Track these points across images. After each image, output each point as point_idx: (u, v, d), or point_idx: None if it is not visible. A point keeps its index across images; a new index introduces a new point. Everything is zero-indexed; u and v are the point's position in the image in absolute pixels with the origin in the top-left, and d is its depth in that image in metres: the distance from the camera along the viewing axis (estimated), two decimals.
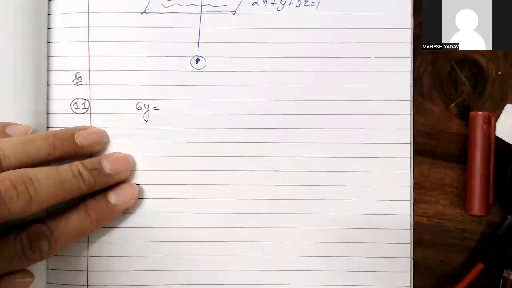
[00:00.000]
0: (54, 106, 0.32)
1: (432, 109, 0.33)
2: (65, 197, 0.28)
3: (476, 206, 0.32)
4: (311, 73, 0.32)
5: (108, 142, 0.31)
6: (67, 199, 0.28)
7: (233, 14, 0.32)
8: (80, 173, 0.28)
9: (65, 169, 0.28)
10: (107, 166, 0.30)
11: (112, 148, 0.31)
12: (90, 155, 0.31)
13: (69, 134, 0.30)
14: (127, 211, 0.31)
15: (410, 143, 0.32)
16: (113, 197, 0.30)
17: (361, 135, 0.32)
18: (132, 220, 0.31)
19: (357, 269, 0.32)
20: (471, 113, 0.32)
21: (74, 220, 0.28)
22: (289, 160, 0.32)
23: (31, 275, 0.28)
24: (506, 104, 0.33)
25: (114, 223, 0.31)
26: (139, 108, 0.32)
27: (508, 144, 0.32)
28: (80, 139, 0.30)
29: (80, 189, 0.28)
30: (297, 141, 0.32)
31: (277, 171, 0.32)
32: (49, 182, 0.26)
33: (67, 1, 0.32)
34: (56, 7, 0.32)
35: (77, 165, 0.28)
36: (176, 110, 0.32)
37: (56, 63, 0.32)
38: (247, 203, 0.31)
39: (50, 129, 0.31)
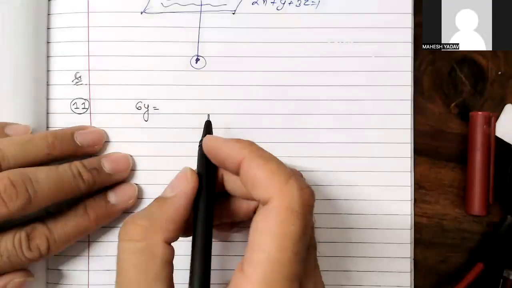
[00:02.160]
0: (54, 106, 0.32)
1: (432, 109, 0.33)
2: (65, 196, 0.28)
3: (476, 206, 0.32)
4: (311, 73, 0.32)
5: (108, 142, 0.31)
6: (67, 199, 0.28)
7: (233, 13, 0.32)
8: (79, 172, 0.28)
9: (65, 169, 0.28)
10: (107, 166, 0.30)
11: (112, 148, 0.31)
12: (90, 155, 0.31)
13: (69, 133, 0.30)
14: (127, 211, 0.31)
15: (410, 143, 0.32)
16: (113, 196, 0.30)
17: (361, 135, 0.32)
18: None
19: (357, 269, 0.32)
20: (471, 113, 0.32)
21: (74, 219, 0.28)
22: (289, 160, 0.31)
23: (30, 274, 0.28)
24: (506, 104, 0.32)
25: (114, 223, 0.31)
26: (139, 108, 0.32)
27: (508, 144, 0.32)
28: (79, 139, 0.30)
29: (79, 189, 0.28)
30: (297, 141, 0.32)
31: None
32: (48, 181, 0.26)
33: (67, 1, 0.32)
34: (56, 7, 0.32)
35: (76, 164, 0.28)
36: (176, 110, 0.32)
37: (56, 63, 0.32)
38: None
39: (50, 129, 0.31)
